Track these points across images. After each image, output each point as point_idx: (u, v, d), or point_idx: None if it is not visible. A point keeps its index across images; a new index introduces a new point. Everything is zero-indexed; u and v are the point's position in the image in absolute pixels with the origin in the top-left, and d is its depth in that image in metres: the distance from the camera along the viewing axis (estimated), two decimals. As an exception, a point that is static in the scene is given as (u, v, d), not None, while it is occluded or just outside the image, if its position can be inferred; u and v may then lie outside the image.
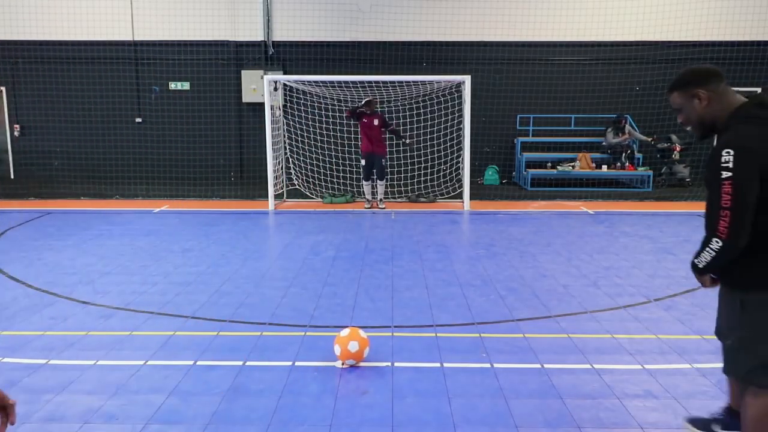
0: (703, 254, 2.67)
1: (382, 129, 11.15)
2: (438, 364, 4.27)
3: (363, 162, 11.17)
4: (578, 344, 4.64)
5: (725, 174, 2.49)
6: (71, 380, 4.01)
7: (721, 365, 4.34)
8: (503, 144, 14.59)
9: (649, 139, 13.67)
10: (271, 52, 14.25)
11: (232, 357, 4.40)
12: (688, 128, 2.86)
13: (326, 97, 12.99)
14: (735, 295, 2.72)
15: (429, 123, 13.10)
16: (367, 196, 11.26)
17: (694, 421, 3.34)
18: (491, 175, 14.46)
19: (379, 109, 11.68)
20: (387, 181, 11.62)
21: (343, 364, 4.19)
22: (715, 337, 3.12)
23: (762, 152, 2.50)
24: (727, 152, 2.50)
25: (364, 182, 11.28)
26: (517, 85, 14.13)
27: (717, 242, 2.57)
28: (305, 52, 14.15)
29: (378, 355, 4.42)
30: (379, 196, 11.25)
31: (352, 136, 13.12)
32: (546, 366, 4.25)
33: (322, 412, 3.61)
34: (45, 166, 14.34)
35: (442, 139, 13.18)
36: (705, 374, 4.13)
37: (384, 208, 11.08)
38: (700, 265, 2.72)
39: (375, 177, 11.19)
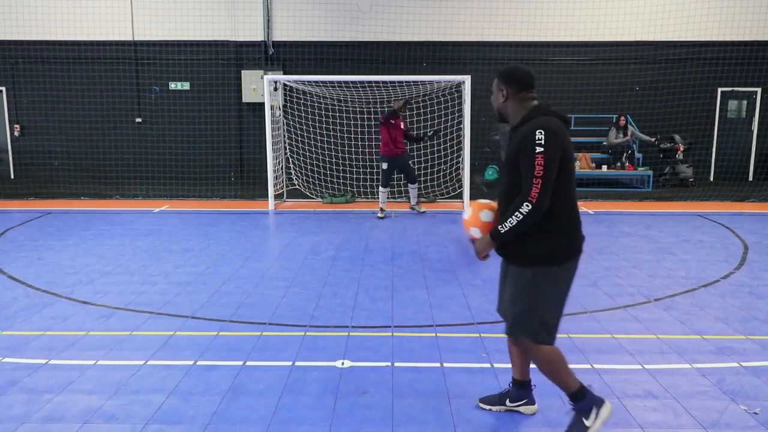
0: (509, 219, 3.04)
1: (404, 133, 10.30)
2: (438, 364, 4.27)
3: (385, 166, 10.06)
4: (578, 344, 4.64)
5: (539, 149, 2.97)
6: (71, 380, 4.02)
7: (722, 365, 4.34)
8: (503, 144, 14.59)
9: (652, 140, 13.66)
10: (271, 52, 14.25)
11: (232, 357, 4.40)
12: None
13: (326, 97, 12.99)
14: (527, 271, 3.16)
15: (429, 123, 13.09)
16: (381, 205, 10.22)
17: (486, 399, 3.70)
18: (491, 174, 14.44)
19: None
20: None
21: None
22: (498, 314, 3.55)
23: (562, 136, 3.03)
24: (540, 132, 2.99)
25: (381, 189, 10.22)
26: (517, 85, 14.10)
27: (527, 206, 2.99)
28: (305, 52, 14.14)
29: (378, 355, 4.43)
30: (414, 200, 10.51)
31: (352, 136, 13.12)
32: (546, 366, 4.25)
33: (322, 412, 3.61)
34: (45, 166, 14.33)
35: (442, 139, 13.17)
36: (705, 374, 4.13)
37: (424, 212, 10.48)
38: (503, 230, 3.08)
39: (405, 181, 10.27)
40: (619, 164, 13.61)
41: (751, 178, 14.71)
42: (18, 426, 3.44)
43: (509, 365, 4.25)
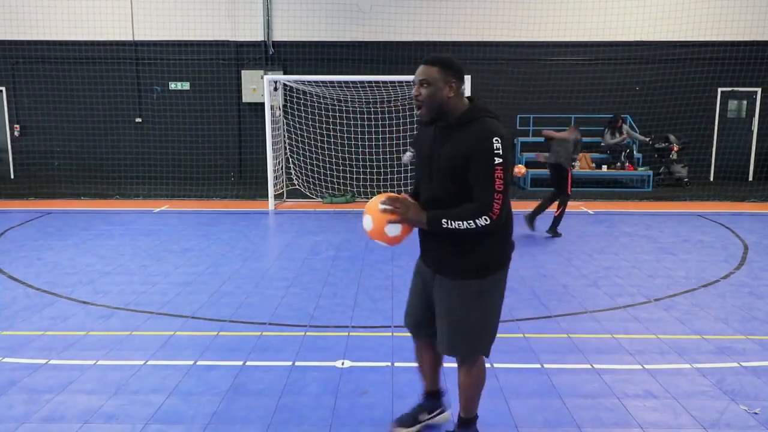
0: (458, 222, 2.73)
1: None
2: (438, 364, 4.27)
3: None
4: (578, 344, 4.64)
5: (497, 160, 2.67)
6: (71, 380, 4.02)
7: (722, 365, 4.33)
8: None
9: (647, 139, 13.67)
10: (271, 52, 14.25)
11: (232, 357, 4.40)
12: (420, 105, 2.84)
13: (326, 97, 12.99)
14: (472, 285, 2.88)
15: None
16: None
17: (401, 421, 3.40)
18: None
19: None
20: None
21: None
22: (407, 327, 3.30)
23: (508, 141, 2.75)
24: (496, 140, 2.68)
25: None
26: (517, 85, 14.13)
27: (487, 220, 2.71)
28: (305, 52, 14.15)
29: (378, 355, 4.43)
30: None
31: (352, 136, 13.10)
32: (546, 366, 4.25)
33: (322, 412, 3.61)
34: (45, 166, 14.33)
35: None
36: (705, 374, 4.13)
37: None
38: (446, 226, 2.75)
39: None
40: (618, 164, 13.62)
41: (750, 178, 14.72)
42: (18, 426, 3.44)
43: (510, 365, 4.27)
